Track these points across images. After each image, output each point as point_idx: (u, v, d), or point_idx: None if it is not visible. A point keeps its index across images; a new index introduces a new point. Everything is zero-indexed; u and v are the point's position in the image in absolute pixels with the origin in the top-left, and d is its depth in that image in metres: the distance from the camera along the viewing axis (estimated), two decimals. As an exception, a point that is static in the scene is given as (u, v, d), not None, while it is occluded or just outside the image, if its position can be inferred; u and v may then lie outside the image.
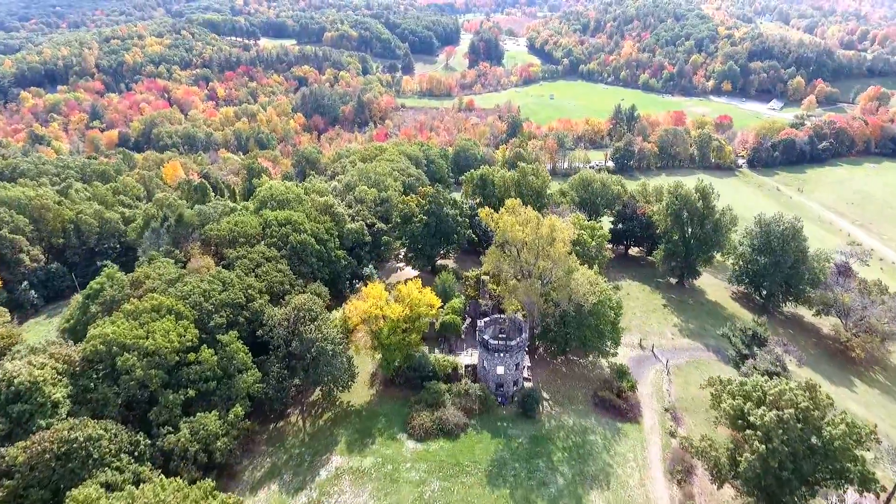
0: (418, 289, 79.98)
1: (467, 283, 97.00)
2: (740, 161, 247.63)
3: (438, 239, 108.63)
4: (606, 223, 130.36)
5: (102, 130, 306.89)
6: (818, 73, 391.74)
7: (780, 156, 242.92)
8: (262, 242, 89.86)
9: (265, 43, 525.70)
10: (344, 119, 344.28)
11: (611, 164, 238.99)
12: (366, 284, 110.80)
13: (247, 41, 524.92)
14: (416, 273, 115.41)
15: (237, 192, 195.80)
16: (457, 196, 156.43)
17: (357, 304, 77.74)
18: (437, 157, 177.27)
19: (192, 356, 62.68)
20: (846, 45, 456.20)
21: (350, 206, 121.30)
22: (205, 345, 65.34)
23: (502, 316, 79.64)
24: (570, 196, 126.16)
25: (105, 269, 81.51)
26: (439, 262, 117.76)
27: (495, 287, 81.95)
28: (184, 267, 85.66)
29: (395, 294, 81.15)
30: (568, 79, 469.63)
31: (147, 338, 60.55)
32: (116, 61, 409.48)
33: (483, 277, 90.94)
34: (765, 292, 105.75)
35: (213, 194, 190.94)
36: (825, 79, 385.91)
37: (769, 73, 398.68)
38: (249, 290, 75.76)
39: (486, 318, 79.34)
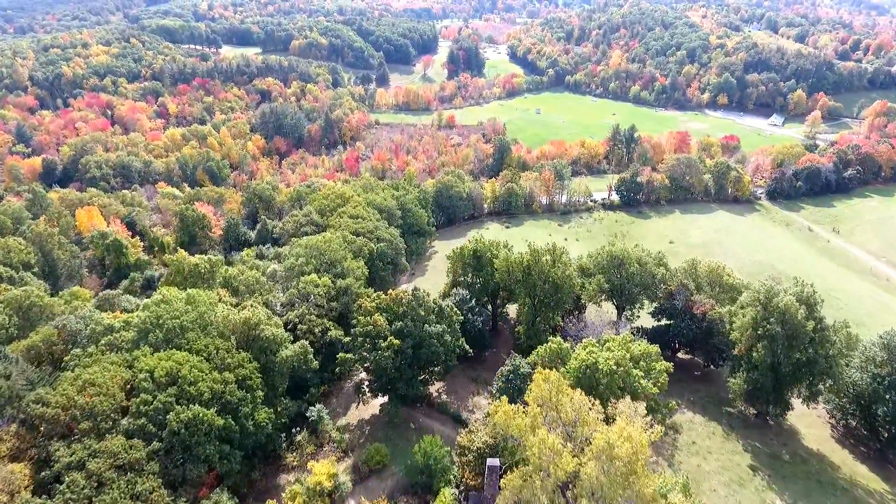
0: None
1: (463, 455, 62.62)
2: (759, 192, 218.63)
3: (417, 368, 74.27)
4: (645, 315, 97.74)
5: (27, 156, 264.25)
6: (818, 86, 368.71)
7: (803, 185, 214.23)
8: (125, 422, 54.01)
9: (227, 52, 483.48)
10: (310, 140, 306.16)
11: (615, 196, 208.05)
12: (312, 432, 76.34)
13: (206, 50, 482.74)
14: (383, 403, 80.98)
15: (168, 245, 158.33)
16: (443, 262, 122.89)
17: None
18: (413, 205, 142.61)
19: None
20: (841, 55, 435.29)
21: (292, 306, 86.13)
22: None
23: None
24: (596, 280, 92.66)
25: None
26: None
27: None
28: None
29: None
30: (554, 90, 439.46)
31: None
32: (54, 73, 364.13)
33: (490, 462, 56.60)
34: (885, 436, 73.88)
35: (136, 249, 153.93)
36: (826, 92, 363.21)
37: (767, 85, 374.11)
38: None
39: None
